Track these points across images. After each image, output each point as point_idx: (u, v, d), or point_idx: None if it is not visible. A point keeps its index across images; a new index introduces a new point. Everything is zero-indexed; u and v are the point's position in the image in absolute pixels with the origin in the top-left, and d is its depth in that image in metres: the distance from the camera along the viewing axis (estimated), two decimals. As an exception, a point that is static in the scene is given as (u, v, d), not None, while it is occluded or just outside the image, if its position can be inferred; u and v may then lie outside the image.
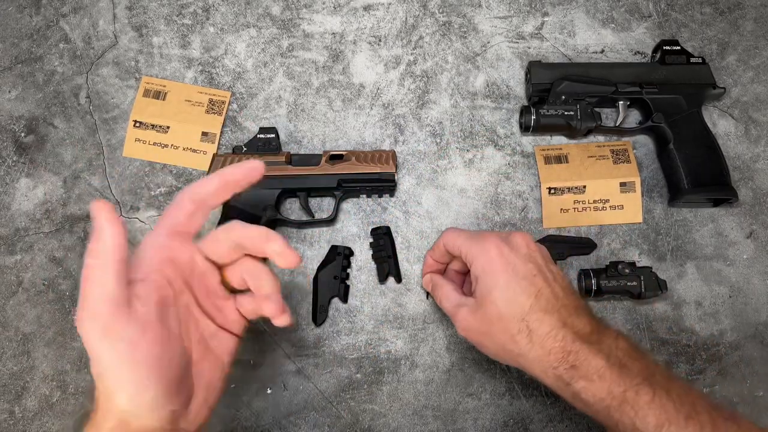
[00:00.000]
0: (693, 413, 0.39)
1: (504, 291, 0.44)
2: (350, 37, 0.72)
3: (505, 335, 0.44)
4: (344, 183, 0.63)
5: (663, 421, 0.39)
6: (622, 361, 0.42)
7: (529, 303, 0.44)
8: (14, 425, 0.60)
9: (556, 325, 0.43)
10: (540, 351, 0.43)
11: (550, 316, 0.43)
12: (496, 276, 0.45)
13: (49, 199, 0.66)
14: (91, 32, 0.72)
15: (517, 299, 0.44)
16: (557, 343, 0.42)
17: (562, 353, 0.42)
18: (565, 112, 0.66)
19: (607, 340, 0.43)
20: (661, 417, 0.39)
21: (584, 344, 0.42)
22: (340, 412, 0.61)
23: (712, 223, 0.66)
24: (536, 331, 0.43)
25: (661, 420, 0.39)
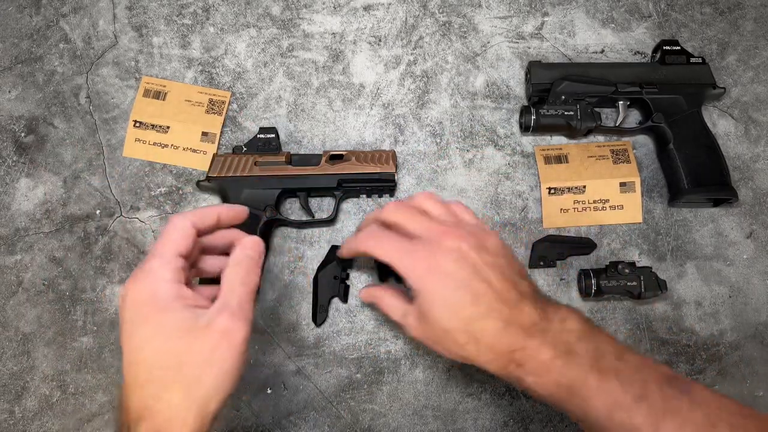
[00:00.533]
0: (643, 393, 0.39)
1: (442, 307, 0.43)
2: (350, 37, 0.72)
3: (455, 345, 0.44)
4: (344, 183, 0.63)
5: (612, 407, 0.39)
6: (570, 346, 0.42)
7: (468, 313, 0.43)
8: (14, 425, 0.60)
9: (499, 327, 0.42)
10: (489, 355, 0.43)
11: (493, 320, 0.42)
12: (432, 294, 0.44)
13: (49, 199, 0.66)
14: (91, 32, 0.72)
15: (456, 312, 0.43)
16: (503, 346, 0.42)
17: (508, 354, 0.42)
18: (565, 112, 0.66)
19: (554, 326, 0.43)
20: (609, 402, 0.39)
21: (530, 339, 0.42)
22: (340, 412, 0.61)
23: (712, 223, 0.66)
24: (481, 339, 0.43)
25: (610, 406, 0.39)
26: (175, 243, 0.40)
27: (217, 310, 0.38)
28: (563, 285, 0.64)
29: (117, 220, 0.66)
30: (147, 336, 0.37)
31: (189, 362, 0.36)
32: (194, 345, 0.37)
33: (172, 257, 0.39)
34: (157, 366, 0.36)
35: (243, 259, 0.42)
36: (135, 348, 0.37)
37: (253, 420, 0.60)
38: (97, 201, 0.66)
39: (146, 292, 0.38)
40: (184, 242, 0.41)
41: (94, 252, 0.65)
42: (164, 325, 0.37)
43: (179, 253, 0.40)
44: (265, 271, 0.64)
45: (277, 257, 0.65)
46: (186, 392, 0.36)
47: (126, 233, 0.65)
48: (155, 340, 0.37)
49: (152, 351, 0.37)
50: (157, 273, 0.38)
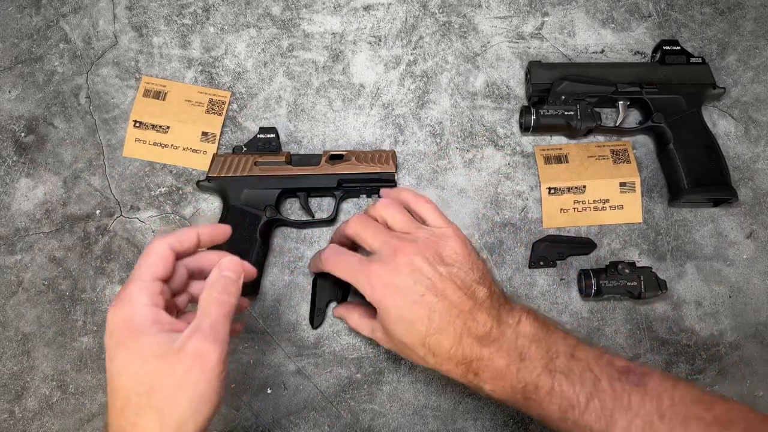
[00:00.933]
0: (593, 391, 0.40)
1: (398, 324, 0.45)
2: (350, 37, 0.72)
3: (416, 357, 0.45)
4: (344, 183, 0.63)
5: (565, 408, 0.40)
6: (524, 351, 0.43)
7: (424, 328, 0.44)
8: (14, 425, 0.60)
9: (454, 340, 0.43)
10: (447, 365, 0.44)
11: (446, 334, 0.43)
12: (389, 310, 0.45)
13: (49, 199, 0.67)
14: (91, 32, 0.72)
15: (412, 328, 0.44)
16: (459, 357, 0.43)
17: (465, 364, 0.43)
18: (565, 112, 0.66)
19: (508, 332, 0.44)
20: (562, 404, 0.41)
21: (484, 348, 0.43)
22: (340, 412, 0.61)
23: (712, 223, 0.66)
24: (438, 352, 0.44)
25: (563, 407, 0.41)
26: (153, 266, 0.40)
27: (189, 333, 0.38)
28: (563, 285, 0.64)
29: (117, 220, 0.66)
30: (124, 361, 0.37)
31: (162, 387, 0.36)
32: (167, 369, 0.36)
33: (149, 281, 0.39)
34: (133, 391, 0.36)
35: (218, 280, 0.41)
36: (114, 373, 0.37)
37: (253, 420, 0.60)
38: (97, 201, 0.66)
39: (124, 317, 0.38)
40: (162, 265, 0.41)
41: (94, 252, 0.65)
42: (140, 349, 0.37)
43: (157, 276, 0.40)
44: (266, 271, 0.64)
45: (277, 257, 0.65)
46: (159, 417, 0.36)
47: (126, 233, 0.65)
48: (131, 365, 0.37)
49: (128, 376, 0.36)
50: (134, 298, 0.38)
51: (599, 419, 0.39)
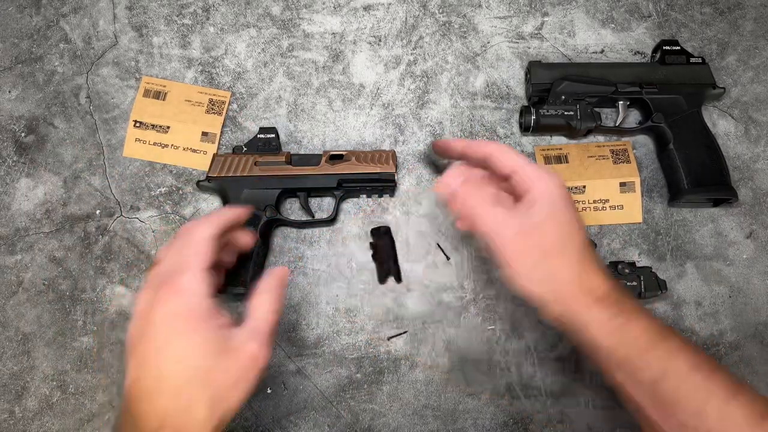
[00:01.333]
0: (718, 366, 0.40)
1: (569, 221, 0.43)
2: (350, 37, 0.72)
3: (557, 264, 0.43)
4: (344, 183, 0.63)
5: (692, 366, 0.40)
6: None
7: (585, 238, 0.43)
8: (14, 425, 0.60)
9: (601, 264, 0.43)
10: (588, 285, 0.42)
11: (596, 256, 0.44)
12: (562, 205, 0.43)
13: (49, 199, 0.67)
14: (91, 32, 0.72)
15: (577, 233, 0.43)
16: (604, 279, 0.42)
17: (608, 288, 0.42)
18: (565, 112, 0.66)
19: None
20: (691, 361, 0.40)
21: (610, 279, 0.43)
22: (340, 412, 0.61)
23: (711, 223, 0.66)
24: (589, 266, 0.43)
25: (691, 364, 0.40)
26: (204, 257, 0.41)
27: (248, 335, 0.40)
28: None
29: (117, 220, 0.66)
30: (181, 351, 0.38)
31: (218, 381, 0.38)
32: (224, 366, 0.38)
33: (202, 271, 0.41)
34: (188, 381, 0.37)
35: (274, 288, 0.43)
36: (167, 360, 0.38)
37: (253, 420, 0.60)
38: (97, 201, 0.66)
39: (182, 308, 0.39)
40: (210, 253, 0.42)
41: (94, 252, 0.65)
42: (199, 342, 0.38)
43: (207, 265, 0.41)
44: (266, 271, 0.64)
45: (277, 257, 0.65)
46: (211, 409, 0.37)
47: (126, 233, 0.65)
48: (190, 356, 0.38)
49: (185, 366, 0.38)
50: (193, 288, 0.39)
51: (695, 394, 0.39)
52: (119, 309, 0.63)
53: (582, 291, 0.42)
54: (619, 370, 0.42)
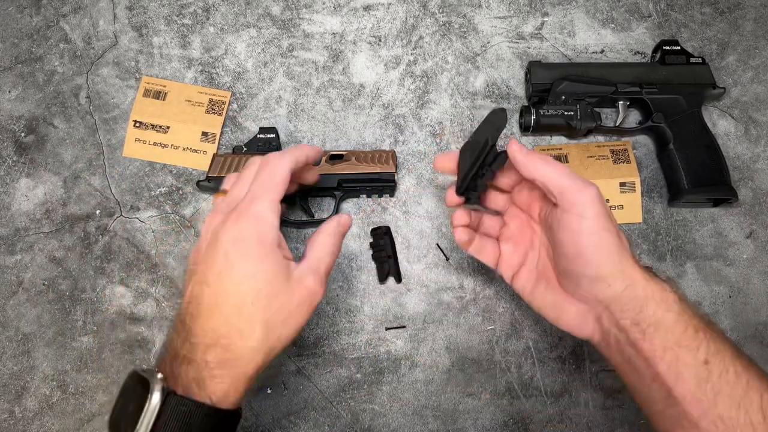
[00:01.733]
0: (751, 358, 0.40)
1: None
2: (350, 37, 0.72)
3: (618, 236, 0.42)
4: (344, 183, 0.63)
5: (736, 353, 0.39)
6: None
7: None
8: (14, 425, 0.60)
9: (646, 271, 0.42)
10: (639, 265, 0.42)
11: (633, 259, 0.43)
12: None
13: (49, 199, 0.67)
14: (91, 32, 0.72)
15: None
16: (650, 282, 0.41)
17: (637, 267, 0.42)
18: (565, 112, 0.66)
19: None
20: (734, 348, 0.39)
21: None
22: (340, 412, 0.61)
23: (712, 223, 0.66)
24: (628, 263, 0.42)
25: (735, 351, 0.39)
26: (279, 187, 0.42)
27: (308, 270, 0.41)
28: (563, 285, 0.64)
29: (117, 220, 0.66)
30: (248, 274, 0.39)
31: (277, 309, 0.39)
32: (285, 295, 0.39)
33: (276, 203, 0.42)
34: (249, 302, 0.38)
35: (336, 233, 0.44)
36: (233, 280, 0.39)
37: (253, 420, 0.60)
38: (97, 201, 0.66)
39: (255, 233, 0.40)
40: (284, 187, 0.43)
41: (94, 252, 0.65)
42: (267, 267, 0.39)
43: (281, 196, 0.42)
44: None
45: (277, 257, 0.65)
46: (266, 335, 0.39)
47: (126, 233, 0.65)
48: (256, 278, 0.39)
49: (249, 288, 0.39)
50: (267, 217, 0.40)
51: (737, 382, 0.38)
52: (119, 309, 0.63)
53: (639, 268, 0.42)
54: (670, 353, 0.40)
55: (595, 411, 0.61)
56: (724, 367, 0.38)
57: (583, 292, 0.43)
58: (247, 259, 0.39)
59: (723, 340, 0.39)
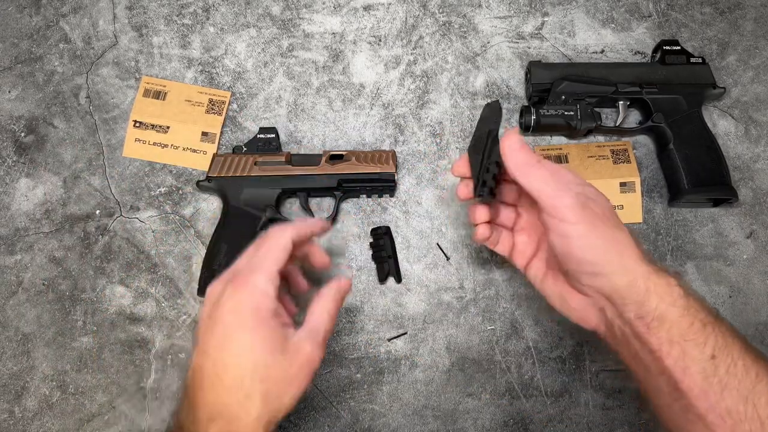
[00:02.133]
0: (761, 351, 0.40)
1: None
2: (350, 37, 0.72)
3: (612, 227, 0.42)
4: (344, 183, 0.63)
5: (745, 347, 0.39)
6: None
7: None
8: (14, 425, 0.60)
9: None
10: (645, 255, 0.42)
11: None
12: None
13: (49, 199, 0.66)
14: (91, 32, 0.72)
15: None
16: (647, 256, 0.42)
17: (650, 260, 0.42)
18: (565, 112, 0.66)
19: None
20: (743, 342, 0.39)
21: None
22: (340, 412, 0.61)
23: (712, 223, 0.66)
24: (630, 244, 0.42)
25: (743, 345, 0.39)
26: (278, 259, 0.43)
27: (306, 336, 0.42)
28: (563, 285, 0.64)
29: (117, 220, 0.66)
30: (245, 345, 0.39)
31: (275, 378, 0.39)
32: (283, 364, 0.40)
33: (274, 274, 0.42)
34: (248, 375, 0.39)
35: (335, 296, 0.45)
36: (230, 353, 0.39)
37: (253, 420, 0.60)
38: (97, 201, 0.66)
39: (250, 304, 0.40)
40: (285, 258, 0.43)
41: (94, 252, 0.65)
42: (262, 339, 0.39)
43: (280, 269, 0.43)
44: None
45: (277, 257, 0.65)
46: (265, 404, 0.39)
47: (126, 233, 0.65)
48: (252, 351, 0.39)
49: (246, 360, 0.39)
50: (263, 288, 0.41)
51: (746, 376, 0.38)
52: (119, 309, 0.63)
53: (643, 259, 0.41)
54: (676, 347, 0.39)
55: (595, 411, 0.61)
56: (732, 361, 0.38)
57: (583, 286, 0.44)
58: (244, 329, 0.40)
59: (732, 335, 0.39)
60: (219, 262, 0.60)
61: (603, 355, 0.62)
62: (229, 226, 0.61)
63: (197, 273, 0.63)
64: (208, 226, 0.65)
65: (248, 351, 0.39)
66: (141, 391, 0.61)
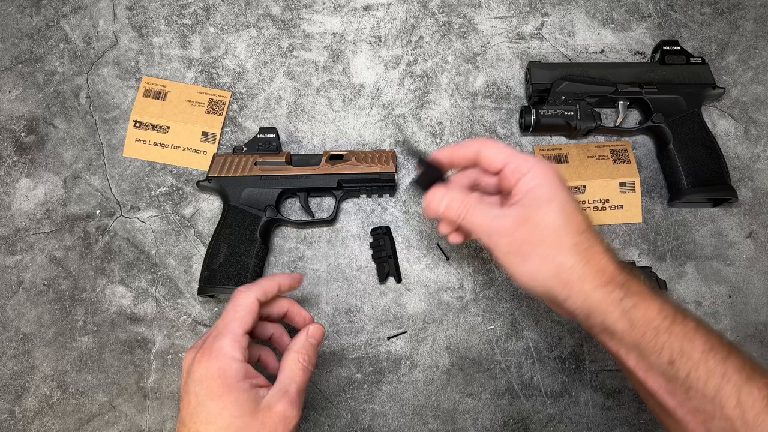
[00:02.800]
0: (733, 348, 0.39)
1: (565, 204, 0.42)
2: (350, 37, 0.72)
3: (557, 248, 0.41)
4: (344, 183, 0.63)
5: (708, 348, 0.38)
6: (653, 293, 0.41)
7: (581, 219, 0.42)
8: (14, 425, 0.60)
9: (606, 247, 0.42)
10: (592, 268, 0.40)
11: (600, 239, 0.42)
12: (557, 189, 0.42)
13: (49, 199, 0.67)
14: (91, 32, 0.72)
15: (575, 214, 0.42)
16: (609, 262, 0.41)
17: (614, 271, 0.41)
18: (565, 112, 0.66)
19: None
20: (707, 343, 0.38)
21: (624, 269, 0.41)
22: (340, 412, 0.61)
23: (711, 223, 0.66)
24: (591, 248, 0.41)
25: (707, 346, 0.38)
26: (243, 321, 0.43)
27: (278, 395, 0.41)
28: (563, 285, 0.64)
29: (117, 220, 0.66)
30: (215, 411, 0.39)
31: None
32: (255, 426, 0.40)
33: (240, 336, 0.42)
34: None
35: (306, 347, 0.45)
36: (202, 420, 0.39)
37: (253, 420, 0.60)
38: (97, 201, 0.66)
39: (217, 370, 0.41)
40: (250, 318, 0.43)
41: (94, 252, 0.65)
42: (232, 403, 0.40)
43: (246, 330, 0.43)
44: (266, 271, 0.64)
45: (277, 257, 0.65)
46: None
47: (126, 233, 0.65)
48: (222, 416, 0.39)
49: (218, 426, 0.39)
50: (228, 352, 0.41)
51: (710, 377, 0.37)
52: (119, 309, 0.63)
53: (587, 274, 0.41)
54: (633, 353, 0.40)
55: (595, 411, 0.61)
56: (693, 364, 0.38)
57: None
58: (212, 397, 0.40)
59: (693, 336, 0.39)
60: (219, 262, 0.60)
61: (603, 355, 0.62)
62: (229, 226, 0.61)
63: (197, 273, 0.64)
64: (208, 226, 0.65)
65: (217, 418, 0.39)
66: (141, 391, 0.61)
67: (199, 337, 0.63)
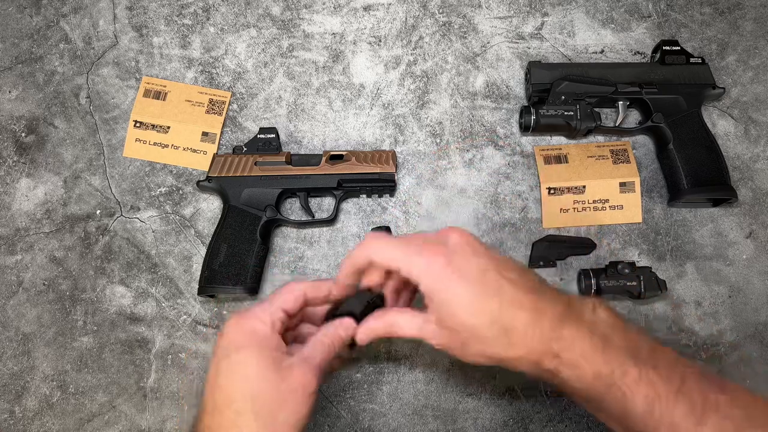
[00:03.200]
0: (683, 388, 0.38)
1: (466, 303, 0.40)
2: (350, 37, 0.72)
3: (483, 344, 0.41)
4: (344, 183, 0.63)
5: (652, 400, 0.38)
6: (606, 335, 0.40)
7: (495, 304, 0.40)
8: (14, 425, 0.60)
9: (530, 317, 0.40)
10: (521, 349, 0.40)
11: (523, 309, 0.40)
12: (451, 290, 0.41)
13: (49, 199, 0.67)
14: (91, 32, 0.72)
15: (481, 306, 0.40)
16: (537, 336, 0.39)
17: (543, 346, 0.40)
18: (565, 112, 0.66)
19: (586, 313, 0.41)
20: (650, 395, 0.38)
21: (565, 327, 0.39)
22: (340, 412, 0.61)
23: (711, 223, 0.66)
24: (512, 330, 0.40)
25: (651, 398, 0.38)
26: (283, 299, 0.44)
27: (300, 360, 0.41)
28: (563, 285, 0.64)
29: (117, 220, 0.66)
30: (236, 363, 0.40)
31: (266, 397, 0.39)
32: (274, 384, 0.40)
33: (275, 308, 0.43)
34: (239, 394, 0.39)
35: (335, 333, 0.45)
36: (223, 373, 0.40)
37: (253, 420, 0.60)
38: (97, 201, 0.66)
39: (244, 328, 0.41)
40: (291, 300, 0.44)
41: (94, 252, 0.65)
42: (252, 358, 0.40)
43: (283, 307, 0.43)
44: (265, 271, 0.64)
45: (277, 257, 0.65)
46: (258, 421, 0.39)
47: (126, 233, 0.65)
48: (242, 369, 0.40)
49: (236, 379, 0.39)
50: (257, 315, 0.42)
51: (688, 416, 0.37)
52: (119, 309, 0.63)
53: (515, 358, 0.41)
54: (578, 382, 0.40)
55: (595, 411, 0.61)
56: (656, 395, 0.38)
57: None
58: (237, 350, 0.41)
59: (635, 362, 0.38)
60: (219, 262, 0.60)
61: (603, 355, 0.62)
62: (229, 226, 0.62)
63: (197, 273, 0.64)
64: (208, 226, 0.65)
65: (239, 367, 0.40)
66: (141, 391, 0.61)
67: (198, 337, 0.63)
